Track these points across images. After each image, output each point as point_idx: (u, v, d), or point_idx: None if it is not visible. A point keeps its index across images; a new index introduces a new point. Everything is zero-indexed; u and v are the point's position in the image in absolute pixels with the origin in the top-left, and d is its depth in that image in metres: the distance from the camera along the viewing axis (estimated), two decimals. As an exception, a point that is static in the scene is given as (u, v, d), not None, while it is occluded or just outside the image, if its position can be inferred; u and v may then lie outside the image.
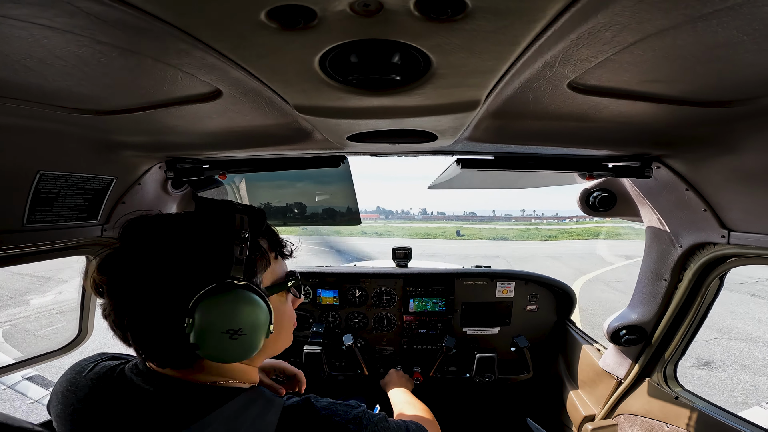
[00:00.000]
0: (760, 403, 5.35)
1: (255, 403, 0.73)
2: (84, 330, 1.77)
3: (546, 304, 2.47)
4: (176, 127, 1.10)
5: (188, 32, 0.52)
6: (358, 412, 0.76)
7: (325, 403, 0.76)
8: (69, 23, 0.51)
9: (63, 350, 1.74)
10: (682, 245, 1.41)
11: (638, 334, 1.65)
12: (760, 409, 5.22)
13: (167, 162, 1.51)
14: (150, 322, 0.68)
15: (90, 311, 1.73)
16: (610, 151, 1.30)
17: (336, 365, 2.54)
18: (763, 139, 0.94)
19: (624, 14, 0.48)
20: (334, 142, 1.18)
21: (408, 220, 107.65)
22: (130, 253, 0.69)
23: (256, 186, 2.40)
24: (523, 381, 2.45)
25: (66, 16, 0.49)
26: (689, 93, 0.80)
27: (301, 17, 0.47)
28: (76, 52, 0.61)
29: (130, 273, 0.68)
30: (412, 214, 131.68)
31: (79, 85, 0.76)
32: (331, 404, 0.77)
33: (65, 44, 0.58)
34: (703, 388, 5.83)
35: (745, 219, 1.16)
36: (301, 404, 0.75)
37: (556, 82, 0.75)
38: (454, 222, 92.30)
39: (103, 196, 1.33)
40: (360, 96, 0.73)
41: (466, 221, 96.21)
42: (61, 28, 0.53)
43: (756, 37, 0.53)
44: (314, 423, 0.71)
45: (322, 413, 0.73)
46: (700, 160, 1.19)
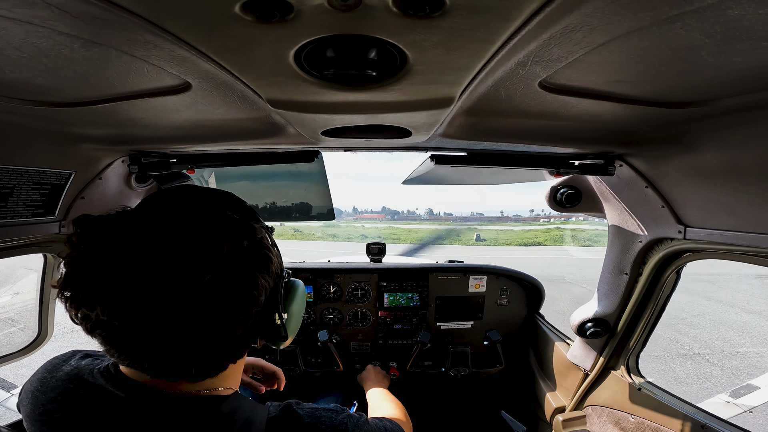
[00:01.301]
0: (718, 395, 5.76)
1: (239, 412, 0.70)
2: (44, 331, 1.68)
3: (516, 298, 2.54)
4: (141, 120, 1.06)
5: (157, 24, 0.50)
6: (343, 418, 0.76)
7: (308, 410, 0.75)
8: (28, 14, 0.48)
9: (22, 352, 1.65)
10: (642, 240, 1.48)
11: (602, 327, 1.72)
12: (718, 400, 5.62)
13: (131, 156, 1.44)
14: (197, 335, 0.61)
15: (50, 311, 1.64)
16: (577, 149, 1.34)
17: (311, 362, 2.52)
18: (718, 139, 1.01)
19: (595, 15, 0.50)
20: (308, 137, 1.17)
21: (414, 221, 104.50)
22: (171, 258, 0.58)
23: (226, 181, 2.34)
24: (497, 374, 2.52)
25: (25, 7, 0.46)
26: (652, 94, 0.84)
27: (277, 10, 0.46)
28: (35, 44, 0.58)
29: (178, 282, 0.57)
30: (419, 215, 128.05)
31: (37, 76, 0.72)
32: (314, 410, 0.76)
33: (24, 35, 0.55)
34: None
35: (700, 215, 1.23)
36: (283, 413, 0.73)
37: (528, 81, 0.77)
38: (461, 223, 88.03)
39: (60, 191, 1.26)
40: (335, 91, 0.72)
41: (476, 222, 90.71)
42: (20, 18, 0.49)
43: (717, 40, 0.56)
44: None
45: (306, 421, 0.72)
46: (660, 159, 1.25)
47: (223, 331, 0.63)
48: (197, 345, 0.62)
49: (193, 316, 0.58)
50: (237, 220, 0.67)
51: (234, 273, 0.62)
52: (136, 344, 0.60)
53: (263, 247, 0.71)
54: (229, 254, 0.61)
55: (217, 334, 0.63)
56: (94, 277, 0.56)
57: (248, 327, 0.67)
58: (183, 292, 0.57)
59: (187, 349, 0.61)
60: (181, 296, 0.57)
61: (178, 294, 0.57)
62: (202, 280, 0.58)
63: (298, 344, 2.38)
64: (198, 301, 0.58)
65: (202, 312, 0.59)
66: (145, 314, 0.57)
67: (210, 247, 0.60)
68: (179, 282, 0.57)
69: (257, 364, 1.47)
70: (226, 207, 0.71)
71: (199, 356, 0.64)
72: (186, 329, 0.59)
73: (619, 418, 1.73)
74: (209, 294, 0.59)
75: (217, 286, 0.59)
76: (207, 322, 0.60)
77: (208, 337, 0.62)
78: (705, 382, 6.29)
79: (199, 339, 0.61)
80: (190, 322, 0.59)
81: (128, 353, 0.62)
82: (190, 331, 0.59)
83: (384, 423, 0.91)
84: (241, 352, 0.75)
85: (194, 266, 0.58)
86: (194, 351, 0.63)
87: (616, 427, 1.73)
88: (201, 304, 0.58)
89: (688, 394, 4.64)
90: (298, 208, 2.49)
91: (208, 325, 0.60)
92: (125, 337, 0.59)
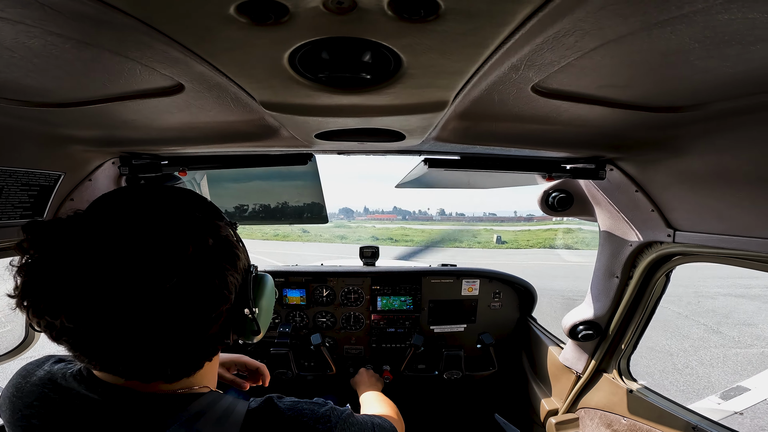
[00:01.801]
0: (709, 397, 5.81)
1: (215, 407, 0.69)
2: (31, 334, 1.64)
3: (509, 301, 2.55)
4: (132, 122, 1.05)
5: (151, 25, 0.50)
6: (326, 410, 0.75)
7: (289, 403, 0.74)
8: (21, 14, 0.48)
9: (7, 356, 1.61)
10: (632, 244, 1.50)
11: (594, 330, 1.73)
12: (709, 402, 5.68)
13: (121, 157, 1.43)
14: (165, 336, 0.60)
15: None
16: (568, 153, 1.36)
17: (304, 365, 2.51)
18: (707, 143, 1.02)
19: (587, 20, 0.50)
20: (302, 140, 1.16)
21: (426, 221, 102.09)
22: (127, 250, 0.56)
23: (218, 183, 2.32)
24: (490, 377, 2.52)
25: (18, 7, 0.46)
26: (642, 98, 0.85)
27: (273, 12, 0.46)
28: (26, 44, 0.57)
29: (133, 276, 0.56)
30: (430, 215, 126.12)
31: (27, 77, 0.71)
32: (296, 403, 0.74)
33: (14, 35, 0.54)
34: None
35: (688, 219, 1.25)
36: (263, 406, 0.72)
37: (520, 85, 0.77)
38: (474, 223, 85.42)
39: (50, 192, 1.24)
40: (329, 94, 0.72)
41: (490, 222, 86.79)
42: (12, 18, 0.49)
43: (706, 45, 0.57)
44: (280, 425, 0.69)
45: (288, 414, 0.71)
46: (650, 163, 1.27)
47: (195, 331, 0.63)
48: (169, 346, 0.61)
49: (163, 318, 0.58)
50: (200, 218, 0.66)
51: (201, 272, 0.62)
52: (106, 349, 0.59)
53: (229, 245, 0.71)
54: (195, 254, 0.61)
55: (189, 334, 0.63)
56: (57, 285, 0.54)
57: (220, 324, 0.68)
58: (151, 295, 0.56)
59: (159, 351, 0.61)
60: (150, 299, 0.56)
61: (146, 297, 0.56)
62: (170, 281, 0.57)
63: (291, 348, 2.36)
64: (167, 303, 0.57)
65: (172, 314, 0.58)
66: (113, 319, 0.55)
67: (175, 247, 0.59)
68: (146, 285, 0.55)
69: (239, 360, 1.44)
70: (189, 206, 0.70)
71: (172, 357, 0.64)
72: (156, 332, 0.58)
73: (612, 421, 1.74)
74: (178, 295, 0.58)
75: (186, 287, 0.59)
76: (177, 323, 0.60)
77: (179, 338, 0.61)
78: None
79: (171, 340, 0.61)
80: (160, 324, 0.58)
81: (99, 358, 0.61)
82: (161, 333, 0.59)
83: (373, 418, 0.89)
84: (215, 350, 0.76)
85: (160, 268, 0.57)
86: (167, 352, 0.62)
87: (608, 430, 1.74)
88: (170, 306, 0.58)
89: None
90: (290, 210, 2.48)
91: (179, 326, 0.60)
92: (94, 343, 0.58)
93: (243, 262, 0.76)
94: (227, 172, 2.34)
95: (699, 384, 6.26)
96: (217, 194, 2.30)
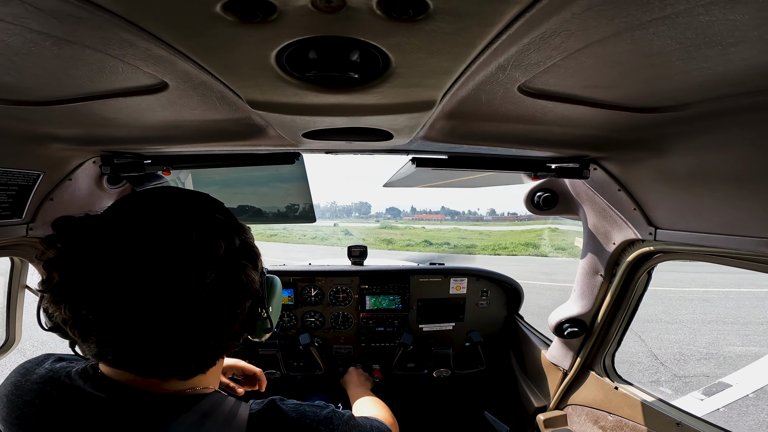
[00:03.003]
0: (692, 393, 5.95)
1: (219, 408, 0.70)
2: (12, 336, 1.59)
3: (496, 299, 2.58)
4: (114, 120, 1.02)
5: (134, 22, 0.49)
6: (328, 413, 0.76)
7: (292, 405, 0.75)
8: (0, 12, 0.46)
9: None
10: (615, 242, 1.53)
11: (579, 327, 1.76)
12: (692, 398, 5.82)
13: (103, 156, 1.39)
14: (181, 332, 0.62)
15: (17, 316, 1.56)
16: (554, 152, 1.38)
17: (293, 365, 2.49)
18: (687, 144, 1.05)
19: (573, 21, 0.51)
20: (289, 139, 1.15)
21: (477, 221, 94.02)
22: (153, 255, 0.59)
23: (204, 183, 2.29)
24: (479, 375, 2.55)
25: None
26: (624, 98, 0.87)
27: (260, 11, 0.45)
28: (5, 41, 0.56)
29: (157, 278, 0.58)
30: (480, 215, 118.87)
31: (5, 74, 0.70)
32: (299, 405, 0.76)
33: None
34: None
35: (669, 217, 1.28)
36: (267, 408, 0.73)
37: (507, 85, 0.78)
38: (530, 222, 67.62)
39: (28, 192, 1.21)
40: (317, 93, 0.72)
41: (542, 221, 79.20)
42: None
43: (687, 46, 0.59)
44: (284, 428, 0.70)
45: (291, 416, 0.72)
46: (632, 162, 1.30)
47: (224, 326, 0.67)
48: (199, 342, 0.65)
49: (198, 315, 0.61)
50: (225, 220, 0.70)
51: (231, 270, 0.66)
52: (136, 344, 0.61)
53: (250, 245, 0.75)
54: (226, 253, 0.65)
55: (218, 329, 0.66)
56: (99, 281, 0.56)
57: (240, 321, 0.71)
58: (187, 291, 0.59)
59: (189, 346, 0.64)
60: (187, 296, 0.59)
61: (184, 294, 0.59)
62: (206, 279, 0.60)
63: (280, 348, 2.34)
64: (202, 299, 0.60)
65: (207, 310, 0.62)
66: (149, 314, 0.58)
67: (209, 247, 0.63)
68: (185, 282, 0.59)
69: (237, 365, 1.46)
70: (211, 208, 0.73)
71: (198, 353, 0.67)
72: (191, 328, 0.62)
73: (598, 417, 1.77)
74: (212, 292, 0.61)
75: (218, 284, 0.62)
76: (210, 319, 0.63)
77: (209, 334, 0.65)
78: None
79: (202, 336, 0.64)
80: (195, 320, 0.61)
81: (125, 354, 0.63)
82: (195, 329, 0.62)
83: (371, 422, 0.90)
84: (231, 345, 0.77)
85: (197, 266, 0.60)
86: (195, 348, 0.65)
87: (595, 426, 1.77)
88: (205, 303, 0.61)
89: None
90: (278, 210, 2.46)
91: (209, 321, 0.64)
92: (125, 338, 0.60)
93: (260, 263, 0.79)
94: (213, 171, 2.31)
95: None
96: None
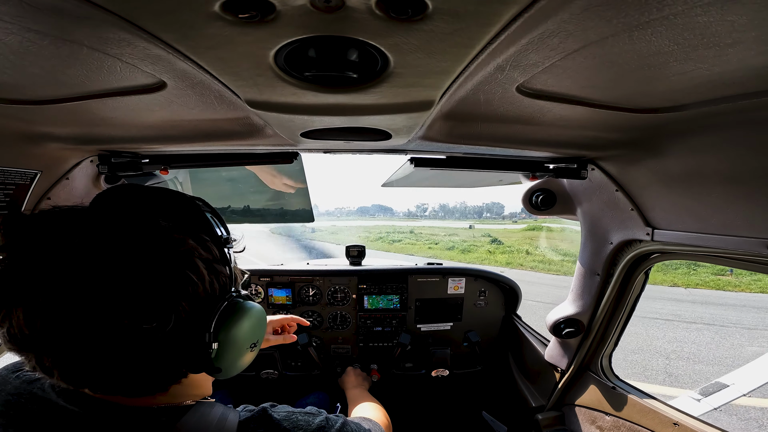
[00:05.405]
0: (688, 393, 5.97)
1: (205, 421, 0.67)
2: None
3: (494, 299, 2.58)
4: (112, 119, 1.02)
5: (132, 21, 0.49)
6: (321, 421, 0.75)
7: (284, 414, 0.73)
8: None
9: None
10: (612, 242, 1.53)
11: (576, 327, 1.76)
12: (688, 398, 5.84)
13: (100, 156, 1.39)
14: (118, 351, 0.56)
15: None
16: (552, 152, 1.38)
17: (291, 365, 2.49)
18: (684, 144, 1.05)
19: (571, 22, 0.51)
20: (287, 138, 1.15)
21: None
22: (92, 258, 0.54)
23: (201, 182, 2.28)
24: (477, 375, 2.55)
25: None
26: (622, 99, 0.87)
27: (259, 10, 0.45)
28: (3, 40, 0.55)
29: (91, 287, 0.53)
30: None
31: (2, 73, 0.70)
32: (291, 414, 0.74)
33: None
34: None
35: (666, 218, 1.28)
36: (258, 416, 0.71)
37: (505, 86, 0.78)
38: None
39: (25, 191, 1.20)
40: (315, 92, 0.72)
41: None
42: None
43: (684, 47, 0.59)
44: None
45: (283, 425, 0.70)
46: (629, 163, 1.30)
47: (112, 349, 0.57)
48: (96, 361, 0.57)
49: (73, 326, 0.54)
50: (159, 229, 0.61)
51: (116, 288, 0.55)
52: (72, 363, 0.57)
53: (183, 264, 0.62)
54: (119, 268, 0.55)
55: (107, 351, 0.57)
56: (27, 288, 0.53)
57: (153, 349, 0.60)
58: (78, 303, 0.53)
59: (87, 364, 0.57)
60: (72, 307, 0.53)
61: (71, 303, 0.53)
62: (76, 290, 0.53)
63: (277, 347, 2.33)
64: (73, 313, 0.53)
65: (80, 323, 0.54)
66: (80, 333, 0.54)
67: (96, 257, 0.54)
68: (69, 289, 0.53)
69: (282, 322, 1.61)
70: (160, 212, 0.64)
71: (106, 374, 0.59)
72: (74, 341, 0.55)
73: (596, 417, 1.77)
74: (83, 307, 0.53)
75: (92, 300, 0.53)
76: (89, 335, 0.55)
77: (96, 352, 0.56)
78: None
79: (89, 353, 0.56)
80: (77, 334, 0.54)
81: (66, 371, 0.58)
82: (80, 344, 0.55)
83: (366, 423, 0.90)
84: (172, 375, 0.67)
85: (72, 274, 0.53)
86: (95, 367, 0.58)
87: (593, 426, 1.78)
88: (77, 316, 0.53)
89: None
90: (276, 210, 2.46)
91: (91, 338, 0.55)
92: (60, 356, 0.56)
93: (207, 286, 0.65)
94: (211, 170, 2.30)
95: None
96: (200, 194, 2.27)
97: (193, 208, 0.72)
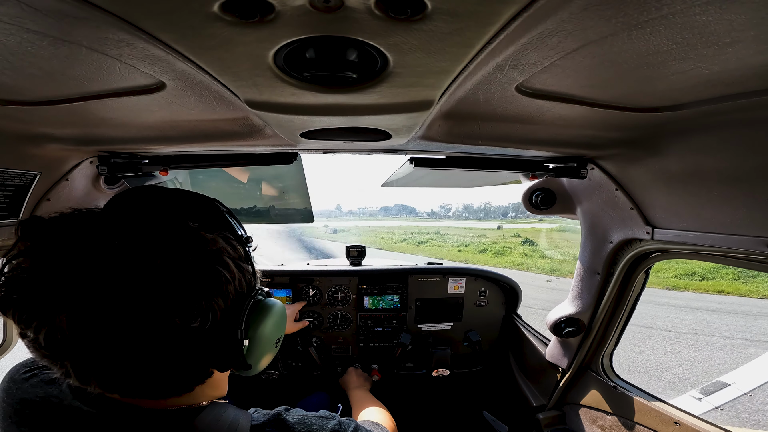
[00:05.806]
0: (689, 392, 5.96)
1: (219, 421, 0.67)
2: (9, 337, 1.59)
3: (495, 299, 2.58)
4: (111, 120, 1.02)
5: (132, 22, 0.49)
6: (334, 425, 0.75)
7: (299, 418, 0.74)
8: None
9: None
10: (613, 241, 1.53)
11: (577, 326, 1.76)
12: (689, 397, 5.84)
13: (99, 157, 1.39)
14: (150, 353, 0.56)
15: None
16: (551, 152, 1.38)
17: (292, 365, 2.49)
18: (683, 143, 1.05)
19: (570, 21, 0.51)
20: (287, 139, 1.15)
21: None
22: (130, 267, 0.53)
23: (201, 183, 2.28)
24: (478, 374, 2.55)
25: None
26: (621, 99, 0.87)
27: (258, 11, 0.45)
28: (2, 41, 0.55)
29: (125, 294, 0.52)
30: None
31: (1, 74, 0.69)
32: (305, 418, 0.75)
33: None
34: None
35: (666, 217, 1.28)
36: (273, 420, 0.72)
37: (505, 85, 0.78)
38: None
39: (25, 192, 1.21)
40: (315, 93, 0.72)
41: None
42: None
43: (683, 46, 0.59)
44: None
45: (297, 430, 0.71)
46: (629, 162, 1.30)
47: (157, 351, 0.57)
48: (139, 365, 0.57)
49: (119, 330, 0.53)
50: (189, 229, 0.61)
51: (163, 289, 0.55)
52: (103, 367, 0.56)
53: (215, 262, 0.62)
54: (162, 269, 0.55)
55: (152, 353, 0.57)
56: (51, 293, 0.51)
57: (193, 348, 0.61)
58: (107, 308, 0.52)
59: (129, 368, 0.57)
60: (105, 312, 0.52)
61: (103, 310, 0.52)
62: (123, 295, 0.52)
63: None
64: (120, 317, 0.53)
65: (127, 327, 0.53)
66: (109, 335, 0.53)
67: (139, 260, 0.54)
68: (103, 296, 0.51)
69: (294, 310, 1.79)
70: (185, 212, 0.65)
71: (144, 377, 0.59)
72: (120, 345, 0.54)
73: (597, 417, 1.77)
74: (132, 310, 0.53)
75: (141, 302, 0.53)
76: (135, 338, 0.54)
77: (142, 355, 0.56)
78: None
79: (133, 357, 0.56)
80: (122, 337, 0.54)
81: (95, 377, 0.57)
82: (125, 348, 0.54)
83: (374, 429, 0.91)
84: (200, 374, 0.68)
85: (116, 279, 0.52)
86: (136, 371, 0.58)
87: (594, 425, 1.77)
88: (124, 320, 0.53)
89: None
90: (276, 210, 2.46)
91: (138, 341, 0.55)
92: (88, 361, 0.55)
93: (237, 284, 0.67)
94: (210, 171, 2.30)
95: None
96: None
97: (214, 208, 0.74)
